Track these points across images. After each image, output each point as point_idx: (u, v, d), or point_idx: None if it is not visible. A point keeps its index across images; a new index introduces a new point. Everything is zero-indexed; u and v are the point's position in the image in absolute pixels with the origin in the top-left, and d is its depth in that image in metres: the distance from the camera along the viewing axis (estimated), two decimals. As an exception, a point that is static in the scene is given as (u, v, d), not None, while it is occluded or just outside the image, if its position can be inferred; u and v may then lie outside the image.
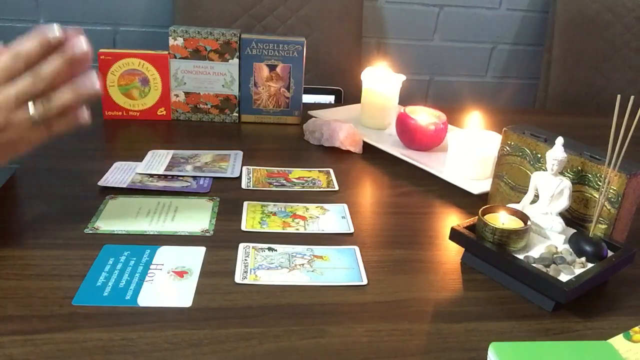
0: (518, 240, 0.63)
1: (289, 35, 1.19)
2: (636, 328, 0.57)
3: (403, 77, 1.08)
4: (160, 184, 0.81)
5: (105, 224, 0.69)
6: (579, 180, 0.69)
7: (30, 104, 0.58)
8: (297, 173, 0.89)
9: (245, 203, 0.77)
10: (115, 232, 0.68)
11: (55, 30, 0.59)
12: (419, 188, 0.87)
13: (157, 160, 0.87)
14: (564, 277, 0.59)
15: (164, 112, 1.07)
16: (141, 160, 0.87)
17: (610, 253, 0.64)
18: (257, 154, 0.95)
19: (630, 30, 1.65)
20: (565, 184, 0.66)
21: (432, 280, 0.64)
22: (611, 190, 0.65)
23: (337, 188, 0.85)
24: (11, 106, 0.57)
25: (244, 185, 0.83)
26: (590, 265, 0.62)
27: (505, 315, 0.59)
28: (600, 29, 1.63)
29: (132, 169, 0.84)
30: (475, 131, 0.89)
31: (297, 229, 0.72)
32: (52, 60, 0.58)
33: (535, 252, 0.64)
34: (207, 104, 1.08)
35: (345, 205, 0.79)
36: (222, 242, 0.67)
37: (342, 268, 0.64)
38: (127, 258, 0.63)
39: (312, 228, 0.72)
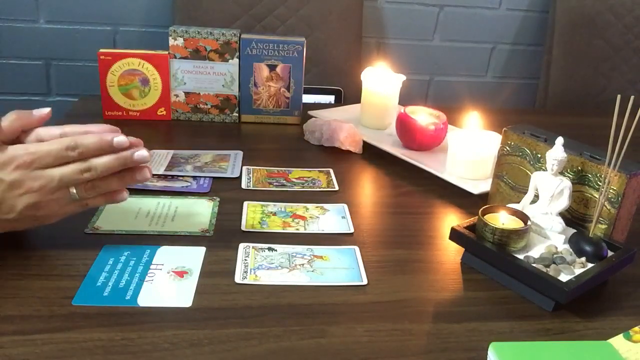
0: (518, 240, 0.63)
1: (289, 35, 1.19)
2: (636, 328, 0.57)
3: (403, 77, 1.08)
4: (160, 184, 0.81)
5: (105, 224, 0.69)
6: (579, 180, 0.69)
7: (72, 188, 0.59)
8: (297, 173, 0.89)
9: (245, 203, 0.77)
10: (115, 232, 0.68)
11: (121, 139, 0.59)
12: (419, 188, 0.87)
13: (157, 160, 0.87)
14: (564, 277, 0.59)
15: (164, 112, 1.07)
16: (141, 160, 0.87)
17: (610, 253, 0.64)
18: (257, 154, 0.95)
19: (630, 30, 1.65)
20: (565, 184, 0.66)
21: (432, 280, 0.64)
22: (611, 190, 0.65)
23: (337, 188, 0.85)
24: (52, 188, 0.57)
25: (244, 185, 0.83)
26: (590, 265, 0.62)
27: (505, 315, 0.59)
28: (600, 29, 1.63)
29: (132, 169, 0.84)
30: (475, 131, 0.89)
31: (297, 229, 0.72)
32: (108, 158, 0.59)
33: (535, 252, 0.64)
34: (207, 104, 1.08)
35: (345, 205, 0.79)
36: (222, 242, 0.67)
37: (342, 268, 0.64)
38: (127, 258, 0.63)
39: (312, 228, 0.72)
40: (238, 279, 0.61)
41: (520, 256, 0.63)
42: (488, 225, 0.63)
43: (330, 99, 1.51)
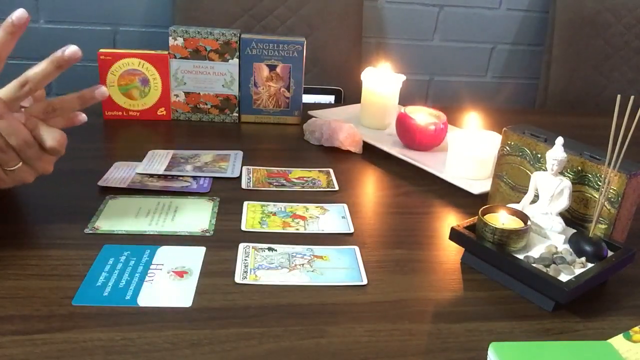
0: (518, 240, 0.63)
1: (289, 35, 1.19)
2: (636, 328, 0.57)
3: (403, 77, 1.08)
4: (160, 184, 0.81)
5: (105, 224, 0.69)
6: (579, 180, 0.69)
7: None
8: (297, 173, 0.89)
9: (245, 203, 0.77)
10: (115, 232, 0.68)
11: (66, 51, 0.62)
12: (419, 188, 0.87)
13: (157, 160, 0.87)
14: (564, 277, 0.59)
15: (164, 112, 1.07)
16: (141, 160, 0.87)
17: (610, 253, 0.64)
18: (257, 154, 0.95)
19: (630, 30, 1.65)
20: (565, 184, 0.66)
21: (432, 280, 0.64)
22: (611, 190, 0.65)
23: (337, 188, 0.85)
24: None
25: (244, 185, 0.83)
26: (590, 265, 0.62)
27: (505, 315, 0.59)
28: (600, 29, 1.63)
29: (132, 169, 0.84)
30: (475, 131, 0.89)
31: (297, 229, 0.72)
32: (41, 63, 0.61)
33: (535, 252, 0.64)
34: (207, 104, 1.08)
35: (345, 205, 0.79)
36: (222, 242, 0.67)
37: (342, 268, 0.64)
38: (127, 258, 0.63)
39: (312, 228, 0.72)
40: (238, 279, 0.61)
41: (520, 256, 0.63)
42: (488, 225, 0.63)
43: (330, 99, 1.51)
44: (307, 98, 1.33)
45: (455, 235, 0.66)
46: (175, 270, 0.61)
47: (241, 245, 0.67)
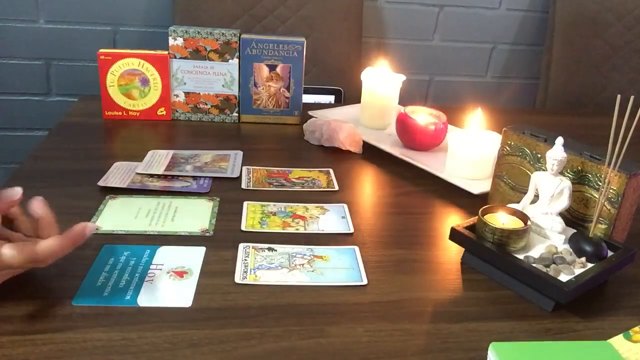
0: (518, 240, 0.63)
1: (289, 35, 1.19)
2: (636, 328, 0.57)
3: (403, 77, 1.08)
4: (160, 184, 0.81)
5: (105, 224, 0.69)
6: (579, 180, 0.69)
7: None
8: (297, 173, 0.89)
9: (245, 203, 0.77)
10: (115, 232, 0.68)
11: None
12: (419, 188, 0.87)
13: (157, 160, 0.87)
14: (564, 277, 0.59)
15: (164, 112, 1.07)
16: (141, 160, 0.87)
17: (610, 253, 0.64)
18: (257, 154, 0.95)
19: (630, 30, 1.65)
20: (565, 184, 0.66)
21: (432, 280, 0.64)
22: (611, 190, 0.65)
23: (337, 188, 0.85)
24: None
25: (244, 185, 0.83)
26: (590, 265, 0.62)
27: (505, 315, 0.59)
28: (600, 29, 1.63)
29: (132, 169, 0.84)
30: (475, 131, 0.89)
31: (297, 229, 0.72)
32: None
33: (535, 252, 0.64)
34: (207, 104, 1.08)
35: (345, 205, 0.79)
36: (222, 242, 0.67)
37: (342, 268, 0.64)
38: (127, 258, 0.63)
39: (312, 228, 0.72)
40: (238, 279, 0.61)
41: (520, 256, 0.63)
42: (488, 225, 0.63)
43: (330, 99, 1.51)
44: (307, 98, 1.33)
45: (455, 235, 0.66)
46: (175, 270, 0.61)
47: (241, 245, 0.67)
